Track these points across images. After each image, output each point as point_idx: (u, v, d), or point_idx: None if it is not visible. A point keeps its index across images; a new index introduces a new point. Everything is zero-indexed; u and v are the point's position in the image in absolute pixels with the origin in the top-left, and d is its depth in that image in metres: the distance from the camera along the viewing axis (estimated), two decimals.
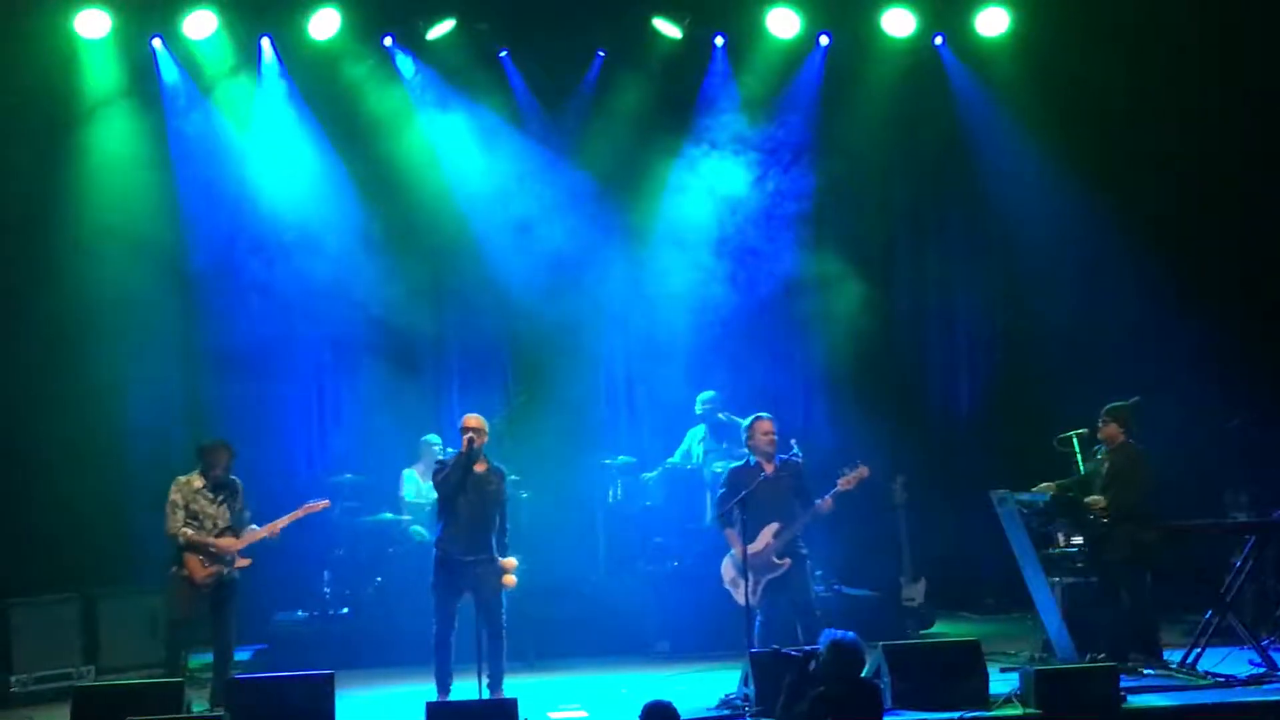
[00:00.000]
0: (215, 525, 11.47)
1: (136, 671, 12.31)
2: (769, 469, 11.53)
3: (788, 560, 11.34)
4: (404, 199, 15.18)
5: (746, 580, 11.03)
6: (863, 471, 11.46)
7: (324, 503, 12.17)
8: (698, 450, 14.85)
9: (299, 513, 11.86)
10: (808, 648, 9.68)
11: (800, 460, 11.77)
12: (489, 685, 10.99)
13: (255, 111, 14.94)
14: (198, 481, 11.53)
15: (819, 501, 11.43)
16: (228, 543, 11.45)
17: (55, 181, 14.41)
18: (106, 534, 13.82)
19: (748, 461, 11.67)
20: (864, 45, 15.68)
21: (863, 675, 8.98)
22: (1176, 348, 15.20)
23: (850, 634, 8.96)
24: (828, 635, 8.95)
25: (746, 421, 11.78)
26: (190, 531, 11.37)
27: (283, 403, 15.00)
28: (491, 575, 11.14)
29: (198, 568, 11.38)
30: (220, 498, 11.54)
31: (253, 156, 14.89)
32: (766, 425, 11.62)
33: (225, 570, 11.46)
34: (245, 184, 14.80)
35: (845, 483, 11.43)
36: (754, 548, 11.26)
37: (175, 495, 11.46)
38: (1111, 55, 15.10)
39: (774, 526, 11.35)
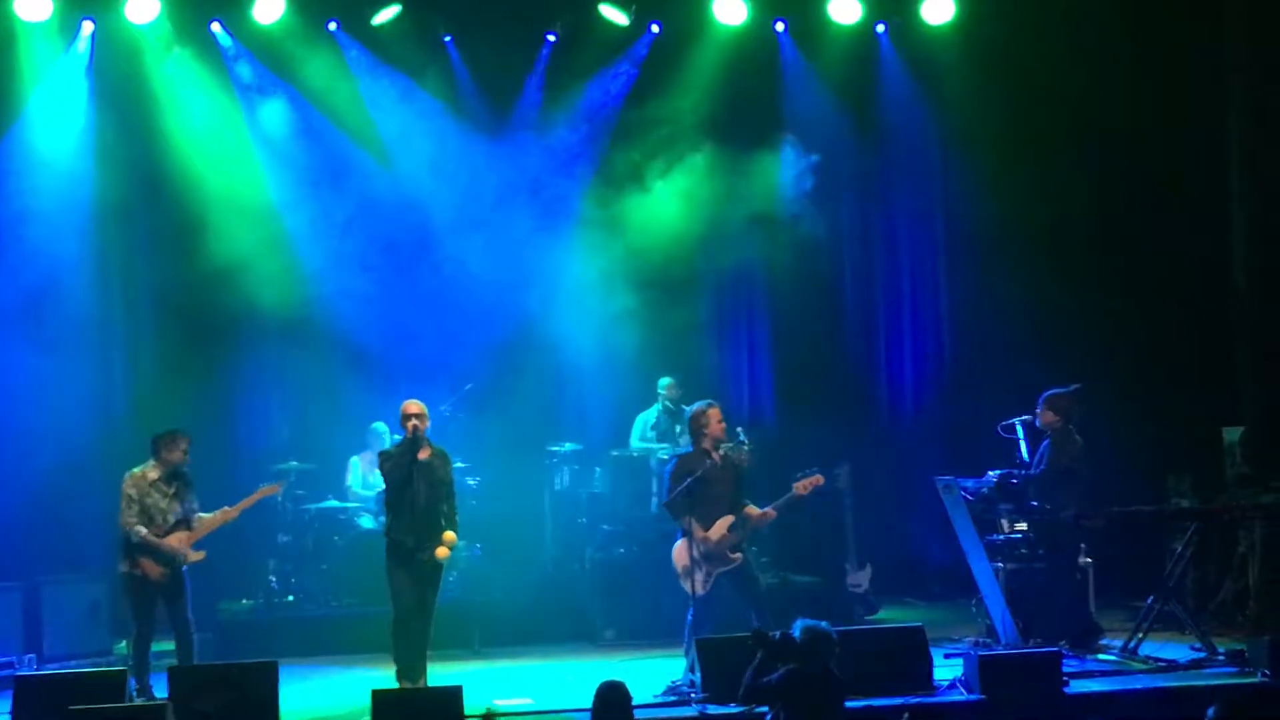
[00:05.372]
0: (167, 520, 11.18)
1: (79, 660, 12.23)
2: (716, 457, 11.43)
3: (739, 555, 11.30)
4: (352, 185, 15.08)
5: (688, 573, 11.03)
6: (817, 479, 11.40)
7: (277, 486, 12.00)
8: (650, 436, 14.81)
9: (255, 496, 11.65)
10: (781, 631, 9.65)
11: (745, 452, 11.73)
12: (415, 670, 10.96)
13: (196, 95, 14.76)
14: (152, 474, 11.23)
15: (766, 509, 11.36)
16: (178, 542, 11.16)
17: None
18: (48, 522, 13.67)
19: (693, 449, 11.59)
20: (810, 32, 15.70)
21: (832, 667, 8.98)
22: (1123, 334, 15.33)
23: (824, 623, 8.97)
24: (803, 622, 8.97)
25: (693, 408, 11.65)
26: (144, 531, 11.09)
27: (228, 388, 14.88)
28: (435, 568, 11.11)
29: (152, 568, 11.12)
30: (174, 489, 11.27)
31: (196, 140, 14.71)
32: (717, 413, 11.53)
33: (178, 566, 11.24)
34: (187, 168, 14.61)
35: (801, 488, 11.36)
36: (712, 534, 11.22)
37: (130, 489, 11.16)
38: (1056, 42, 15.17)
39: (729, 519, 11.27)
